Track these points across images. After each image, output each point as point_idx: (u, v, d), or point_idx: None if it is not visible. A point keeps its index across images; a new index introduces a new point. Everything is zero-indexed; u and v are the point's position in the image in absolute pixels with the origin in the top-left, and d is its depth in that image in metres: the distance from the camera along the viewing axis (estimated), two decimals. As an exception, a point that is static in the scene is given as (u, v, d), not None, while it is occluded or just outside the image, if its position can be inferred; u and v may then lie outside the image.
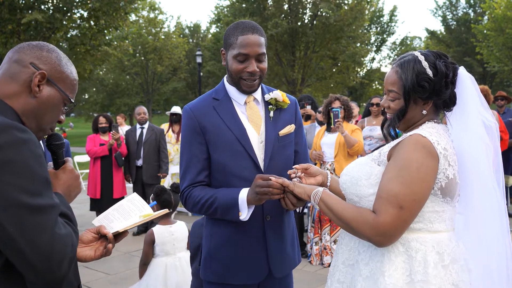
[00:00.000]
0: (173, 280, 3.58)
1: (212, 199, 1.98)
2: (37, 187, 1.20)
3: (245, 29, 1.98)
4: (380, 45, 36.03)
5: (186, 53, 31.92)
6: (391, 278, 1.61)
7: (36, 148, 1.23)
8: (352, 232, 1.70)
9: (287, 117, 2.16)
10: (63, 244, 1.22)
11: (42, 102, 1.39)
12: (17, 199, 1.16)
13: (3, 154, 1.15)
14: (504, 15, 22.25)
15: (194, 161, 2.06)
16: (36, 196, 1.19)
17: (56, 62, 1.43)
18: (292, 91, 22.78)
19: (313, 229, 5.32)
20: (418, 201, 1.59)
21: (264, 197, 1.87)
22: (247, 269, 2.06)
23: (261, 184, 1.85)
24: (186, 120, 2.09)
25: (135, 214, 1.73)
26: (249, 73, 2.00)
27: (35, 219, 1.18)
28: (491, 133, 1.69)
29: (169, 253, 3.68)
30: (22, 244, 1.16)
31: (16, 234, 1.15)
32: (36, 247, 1.17)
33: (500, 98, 7.75)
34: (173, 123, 7.88)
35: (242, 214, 1.94)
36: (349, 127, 5.21)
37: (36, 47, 1.42)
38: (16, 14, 14.78)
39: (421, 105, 1.71)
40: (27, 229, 1.16)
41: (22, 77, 1.37)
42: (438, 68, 1.66)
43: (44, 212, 1.20)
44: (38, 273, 1.19)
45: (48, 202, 1.22)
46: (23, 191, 1.17)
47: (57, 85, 1.42)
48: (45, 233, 1.19)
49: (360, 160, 1.82)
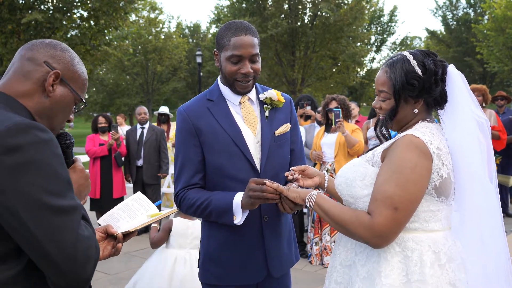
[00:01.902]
0: (180, 273, 3.58)
1: (207, 202, 1.97)
2: (60, 188, 1.18)
3: (238, 30, 1.97)
4: (380, 45, 36.04)
5: (186, 53, 31.92)
6: (387, 279, 1.61)
7: (56, 148, 1.21)
8: (348, 235, 1.70)
9: (283, 116, 2.15)
10: (88, 246, 1.21)
11: (55, 102, 1.37)
12: (41, 200, 1.14)
13: (26, 155, 1.14)
14: (504, 15, 22.25)
15: (188, 163, 2.05)
16: (59, 197, 1.17)
17: (69, 61, 1.41)
18: (292, 91, 22.79)
19: (313, 230, 5.32)
20: (413, 202, 1.60)
21: (257, 201, 1.86)
22: (246, 270, 2.06)
23: (254, 188, 1.83)
24: (180, 122, 2.07)
25: (141, 213, 1.73)
26: (243, 75, 1.99)
27: (59, 220, 1.16)
28: (483, 129, 1.69)
29: (182, 246, 3.69)
30: (47, 246, 1.14)
31: (41, 236, 1.13)
32: (61, 249, 1.15)
33: (500, 98, 7.74)
34: (161, 123, 7.91)
35: (237, 218, 1.93)
36: (349, 127, 5.21)
37: (50, 45, 1.40)
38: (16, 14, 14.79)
39: (412, 104, 1.72)
40: (52, 231, 1.14)
41: (35, 76, 1.35)
42: (427, 66, 1.67)
43: (67, 213, 1.18)
44: (63, 275, 1.17)
45: (71, 203, 1.20)
46: (47, 192, 1.15)
47: (70, 84, 1.40)
48: (70, 234, 1.17)
49: (354, 161, 1.82)
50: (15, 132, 1.15)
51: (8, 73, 1.38)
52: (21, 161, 1.13)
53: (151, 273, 3.68)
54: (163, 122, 7.91)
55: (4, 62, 15.30)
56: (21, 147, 1.14)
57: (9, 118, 1.20)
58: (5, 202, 1.12)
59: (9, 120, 1.18)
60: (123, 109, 30.46)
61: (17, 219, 1.13)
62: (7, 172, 1.12)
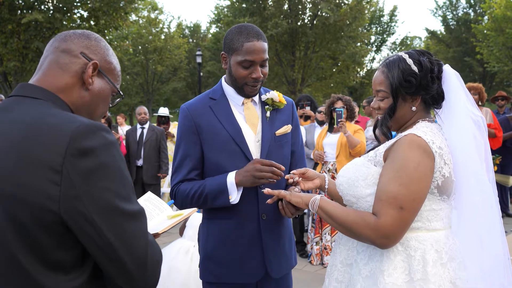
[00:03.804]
0: (179, 263, 3.61)
1: (201, 188, 2.01)
2: (128, 191, 1.15)
3: (250, 35, 2.00)
4: (380, 45, 36.02)
5: (186, 53, 31.92)
6: (390, 277, 1.62)
7: (119, 150, 1.17)
8: (353, 237, 1.70)
9: (284, 117, 2.18)
10: (156, 251, 1.19)
11: (94, 95, 1.29)
12: (114, 205, 1.10)
13: (98, 158, 1.09)
14: (504, 15, 22.26)
15: (187, 159, 2.08)
16: (128, 201, 1.14)
17: (105, 52, 1.33)
18: (292, 91, 22.78)
19: (314, 229, 5.33)
20: (418, 201, 1.60)
21: (260, 181, 1.92)
22: (244, 268, 2.07)
23: (263, 169, 1.90)
24: (183, 119, 2.11)
25: (157, 213, 1.71)
26: (254, 79, 2.03)
27: (132, 225, 1.13)
28: (479, 127, 1.71)
29: (191, 239, 3.75)
30: (120, 251, 1.11)
31: (115, 242, 1.10)
32: (134, 254, 1.13)
33: (500, 98, 7.74)
34: (161, 125, 7.92)
35: (232, 197, 1.97)
36: (351, 128, 5.22)
37: (83, 35, 1.31)
38: (16, 14, 14.77)
39: (410, 101, 1.74)
40: (125, 236, 1.11)
41: (73, 68, 1.26)
42: (423, 64, 1.69)
43: (137, 218, 1.15)
44: (133, 281, 1.14)
45: (139, 208, 1.17)
46: (118, 197, 1.11)
47: (107, 76, 1.33)
48: (142, 240, 1.14)
49: (356, 161, 1.83)
50: (87, 134, 1.10)
51: (42, 67, 1.28)
52: (95, 164, 1.08)
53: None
54: (163, 124, 7.92)
55: (4, 62, 15.30)
56: (93, 150, 1.09)
57: (73, 118, 1.13)
58: (79, 207, 1.07)
59: (75, 120, 1.12)
60: (123, 109, 30.44)
61: (91, 225, 1.08)
62: (82, 177, 1.07)
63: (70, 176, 1.06)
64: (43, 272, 1.09)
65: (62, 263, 1.12)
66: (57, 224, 1.08)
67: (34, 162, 1.06)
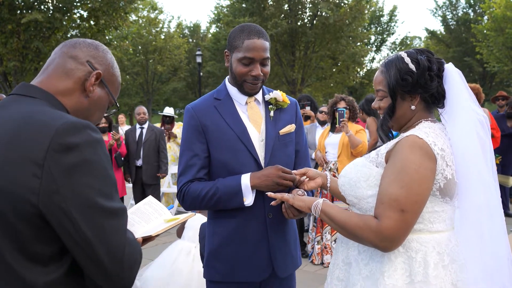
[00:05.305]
0: (180, 263, 3.63)
1: (214, 189, 2.00)
2: (110, 189, 1.17)
3: (251, 33, 2.01)
4: (380, 45, 36.03)
5: (186, 53, 31.92)
6: (390, 279, 1.61)
7: (105, 148, 1.21)
8: (356, 240, 1.69)
9: (288, 117, 2.19)
10: (134, 250, 1.21)
11: (92, 102, 1.36)
12: (94, 201, 1.12)
13: (82, 154, 1.12)
14: (503, 15, 22.27)
15: (194, 159, 2.08)
16: (109, 199, 1.16)
17: (109, 63, 1.40)
18: (292, 91, 22.78)
19: (315, 228, 5.34)
20: (419, 203, 1.59)
21: (278, 188, 1.97)
22: (250, 267, 2.07)
23: (285, 177, 1.96)
24: (188, 119, 2.11)
25: (155, 217, 1.72)
26: (253, 77, 2.03)
27: (110, 223, 1.15)
28: (483, 126, 1.69)
29: (192, 240, 3.75)
30: (97, 247, 1.13)
31: (92, 237, 1.12)
32: (111, 251, 1.15)
33: (501, 98, 7.75)
34: (166, 124, 7.91)
35: (247, 200, 1.98)
36: (353, 128, 5.23)
37: (92, 45, 1.38)
38: (16, 14, 14.77)
39: (409, 100, 1.73)
40: (103, 233, 1.13)
41: (77, 75, 1.32)
42: (420, 62, 1.69)
43: (117, 216, 1.17)
44: (109, 278, 1.17)
45: (120, 205, 1.19)
46: (99, 194, 1.14)
47: (108, 87, 1.39)
48: (120, 237, 1.17)
49: (357, 162, 1.82)
50: (72, 130, 1.13)
51: (47, 70, 1.34)
52: (77, 160, 1.11)
53: (158, 263, 3.78)
54: (168, 123, 7.91)
55: (4, 62, 15.29)
56: (77, 146, 1.12)
57: (61, 116, 1.17)
58: (59, 202, 1.10)
59: (62, 118, 1.16)
60: (123, 109, 30.45)
61: (69, 219, 1.11)
62: (64, 172, 1.09)
63: (51, 171, 1.09)
64: (23, 264, 1.12)
65: (41, 255, 1.14)
66: (36, 216, 1.11)
67: (20, 156, 1.10)
